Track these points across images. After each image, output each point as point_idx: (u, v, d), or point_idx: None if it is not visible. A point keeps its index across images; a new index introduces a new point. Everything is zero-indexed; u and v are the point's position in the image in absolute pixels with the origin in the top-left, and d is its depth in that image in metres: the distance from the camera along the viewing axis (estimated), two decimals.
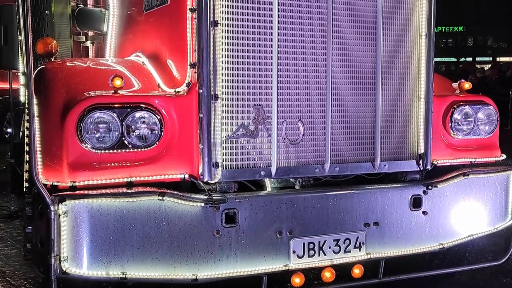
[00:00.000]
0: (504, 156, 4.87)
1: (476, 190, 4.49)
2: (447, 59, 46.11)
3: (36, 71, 3.92)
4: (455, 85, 4.82)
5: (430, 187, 4.27)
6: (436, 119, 4.49)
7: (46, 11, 5.25)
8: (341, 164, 4.08)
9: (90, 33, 5.71)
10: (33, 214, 3.68)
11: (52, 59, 4.23)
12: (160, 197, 3.49)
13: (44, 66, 4.08)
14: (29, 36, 3.46)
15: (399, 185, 4.30)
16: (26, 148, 4.15)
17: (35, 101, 3.63)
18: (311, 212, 3.92)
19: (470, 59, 51.90)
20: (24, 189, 4.27)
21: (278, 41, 3.81)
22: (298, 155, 3.95)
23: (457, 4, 48.71)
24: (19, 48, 5.60)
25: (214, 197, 3.64)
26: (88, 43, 5.79)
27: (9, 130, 7.58)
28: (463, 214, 4.44)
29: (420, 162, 4.34)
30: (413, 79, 4.33)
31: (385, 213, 4.15)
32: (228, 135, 3.74)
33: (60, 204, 3.29)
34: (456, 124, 4.60)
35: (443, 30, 57.17)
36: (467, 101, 4.66)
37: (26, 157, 4.15)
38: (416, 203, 4.26)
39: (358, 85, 4.12)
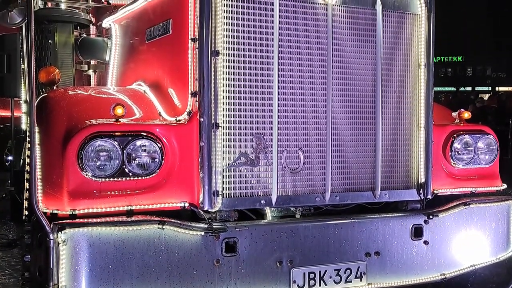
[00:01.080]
0: (505, 186, 4.87)
1: (477, 220, 4.47)
2: (446, 88, 46.40)
3: (38, 99, 3.95)
4: (454, 114, 4.84)
5: (431, 217, 4.25)
6: (436, 148, 4.50)
7: (50, 41, 5.31)
8: (342, 193, 4.07)
9: (93, 62, 5.78)
10: (32, 243, 3.66)
11: (55, 87, 4.26)
12: (160, 226, 3.47)
13: (46, 94, 4.11)
14: (32, 65, 3.50)
15: (400, 214, 4.28)
16: (27, 176, 4.14)
17: (36, 129, 3.64)
18: (311, 241, 3.89)
19: (469, 89, 52.23)
20: (24, 217, 4.26)
21: (278, 70, 3.84)
22: (298, 184, 3.95)
23: (456, 34, 49.25)
24: (22, 77, 5.65)
25: (214, 226, 3.62)
26: (90, 72, 5.84)
27: (9, 158, 7.58)
28: (464, 244, 4.41)
29: (421, 191, 4.33)
30: (413, 109, 4.35)
31: (386, 242, 4.12)
32: (228, 164, 3.74)
33: (60, 232, 3.27)
34: (456, 153, 4.60)
35: (442, 60, 57.72)
36: (467, 130, 4.67)
37: (26, 185, 4.14)
38: (417, 232, 4.23)
39: (358, 114, 4.14)
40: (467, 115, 4.78)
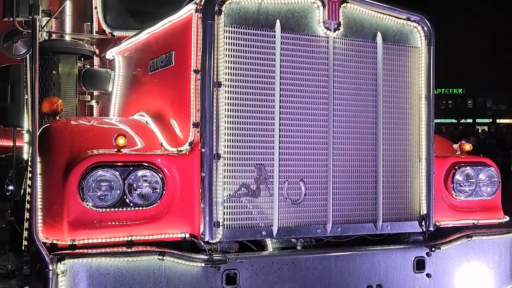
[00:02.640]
0: (508, 218, 4.85)
1: (480, 253, 4.43)
2: (447, 120, 46.58)
3: (41, 129, 3.97)
4: (455, 146, 4.86)
5: (433, 249, 4.22)
6: (437, 180, 4.49)
7: (54, 71, 5.36)
8: (343, 225, 4.05)
9: (96, 93, 5.81)
10: (31, 273, 3.63)
11: (57, 117, 4.29)
12: (160, 257, 3.44)
13: (49, 124, 4.13)
14: (36, 95, 3.53)
15: (402, 246, 4.25)
16: (27, 205, 4.14)
17: (38, 158, 3.65)
18: (313, 274, 3.85)
19: (470, 120, 52.41)
20: (23, 247, 4.23)
21: (280, 102, 3.87)
22: (299, 215, 3.93)
23: (456, 66, 49.67)
24: (25, 107, 5.68)
25: (214, 257, 3.59)
26: (93, 103, 5.88)
27: (10, 187, 7.56)
28: (467, 277, 4.36)
29: (423, 223, 4.31)
30: (413, 140, 4.37)
31: (388, 275, 4.08)
32: (229, 194, 3.74)
33: (59, 263, 3.25)
34: (458, 185, 4.60)
35: (443, 92, 58.08)
36: (468, 162, 4.68)
37: (27, 215, 4.13)
38: (420, 265, 4.19)
39: (359, 145, 4.15)
40: (468, 147, 4.80)
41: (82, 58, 5.72)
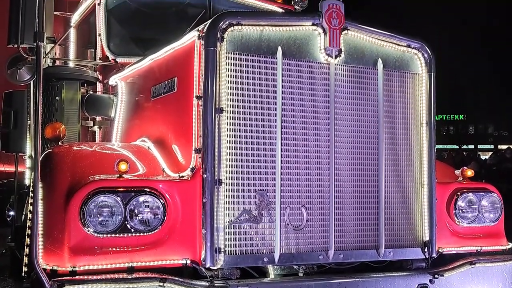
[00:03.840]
0: (511, 245, 4.81)
1: (483, 280, 4.39)
2: (449, 146, 46.58)
3: (43, 154, 3.98)
4: (457, 172, 4.85)
5: (436, 276, 4.18)
6: (440, 206, 4.48)
7: (57, 97, 5.40)
8: (345, 251, 4.02)
9: (98, 118, 5.84)
10: None
11: (60, 143, 4.30)
12: (161, 283, 3.41)
13: (51, 150, 4.14)
14: (38, 121, 3.55)
15: (405, 273, 4.21)
16: (28, 231, 4.12)
17: (40, 184, 3.65)
18: None
19: (472, 146, 52.41)
20: (23, 273, 4.20)
21: (281, 128, 3.89)
22: (301, 241, 3.91)
23: (457, 93, 49.89)
24: (28, 132, 5.71)
25: (216, 284, 3.56)
26: (96, 128, 5.91)
27: (11, 213, 7.54)
28: None
29: (426, 249, 4.28)
30: (415, 166, 4.37)
31: None
32: (231, 220, 3.72)
33: None
34: (460, 211, 4.58)
35: (444, 118, 58.24)
36: (470, 188, 4.66)
37: (27, 240, 4.11)
38: None
39: (361, 171, 4.15)
40: (470, 173, 4.79)
41: (85, 84, 5.77)
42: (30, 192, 4.21)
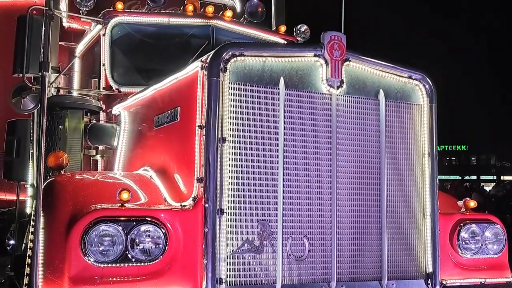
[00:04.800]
0: None
1: None
2: (451, 177, 46.46)
3: (45, 183, 3.98)
4: (460, 203, 4.83)
5: None
6: (443, 238, 4.45)
7: (60, 126, 5.42)
8: (348, 283, 3.98)
9: (101, 147, 5.86)
10: None
11: (62, 172, 4.31)
12: None
13: (53, 178, 4.15)
14: (42, 149, 3.56)
15: None
16: (28, 260, 4.09)
17: (41, 212, 3.65)
18: None
19: (474, 177, 52.24)
20: None
21: (284, 157, 3.89)
22: (303, 272, 3.87)
23: (458, 123, 50.01)
24: (30, 160, 5.72)
25: None
26: (98, 157, 5.92)
27: (11, 242, 7.49)
28: None
29: (429, 281, 4.24)
30: (418, 197, 4.35)
31: None
32: (233, 250, 3.70)
33: None
34: (463, 242, 4.55)
35: (446, 149, 58.21)
36: (473, 219, 4.64)
37: (27, 270, 4.07)
38: None
39: (363, 201, 4.14)
40: (473, 204, 4.77)
41: (88, 113, 5.80)
42: (31, 221, 4.20)
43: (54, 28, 5.05)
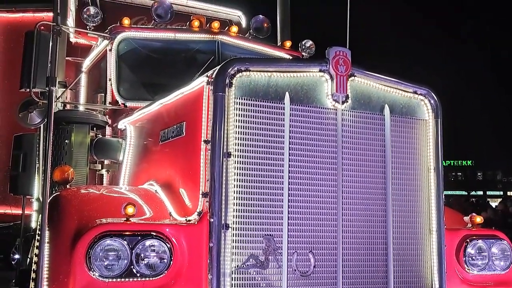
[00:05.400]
0: None
1: None
2: (457, 192, 46.23)
3: (51, 197, 3.99)
4: (466, 218, 4.81)
5: None
6: (449, 253, 4.41)
7: (66, 141, 5.45)
8: None
9: (106, 162, 5.88)
10: None
11: (68, 186, 4.32)
12: None
13: (59, 193, 4.16)
14: (48, 164, 3.57)
15: None
16: (33, 275, 4.09)
17: (47, 227, 3.65)
18: None
19: (480, 193, 51.96)
20: None
21: (289, 172, 3.89)
22: None
23: (464, 138, 49.87)
24: (36, 175, 5.74)
25: None
26: (103, 172, 5.93)
27: (16, 256, 7.50)
28: None
29: None
30: (424, 212, 4.33)
31: None
32: (237, 266, 3.68)
33: None
34: (470, 258, 4.51)
35: (452, 164, 57.99)
36: (480, 235, 4.61)
37: (32, 284, 4.07)
38: None
39: (369, 217, 4.12)
40: (479, 219, 4.75)
41: (94, 128, 5.83)
42: (37, 235, 4.21)
43: (61, 44, 5.11)
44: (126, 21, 6.10)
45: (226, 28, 6.49)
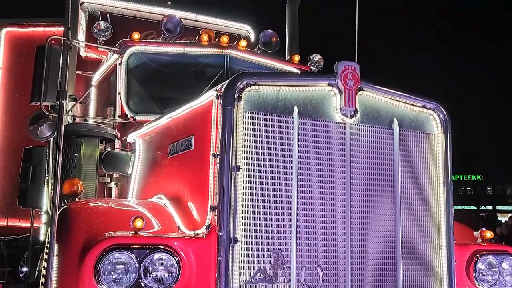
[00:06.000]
0: None
1: None
2: (467, 207, 45.86)
3: (60, 210, 4.00)
4: (476, 233, 4.76)
5: None
6: (459, 269, 4.38)
7: (76, 154, 5.47)
8: None
9: (115, 175, 5.89)
10: None
11: (77, 199, 4.33)
12: None
13: (68, 205, 4.17)
14: (58, 177, 3.59)
15: None
16: None
17: (55, 239, 3.66)
18: None
19: (490, 207, 51.52)
20: None
21: (297, 186, 3.88)
22: None
23: (474, 153, 49.59)
24: (45, 187, 5.76)
25: None
26: (112, 185, 5.95)
27: (24, 269, 7.50)
28: None
29: None
30: (433, 227, 4.31)
31: None
32: (246, 280, 3.67)
33: None
34: (480, 274, 4.47)
35: (461, 178, 57.60)
36: (490, 250, 4.57)
37: None
38: None
39: (377, 231, 4.10)
40: (489, 234, 4.71)
41: (103, 141, 5.86)
42: (45, 248, 4.22)
43: (71, 58, 5.16)
44: (136, 36, 6.16)
45: (235, 43, 6.52)
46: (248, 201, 3.76)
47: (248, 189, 3.77)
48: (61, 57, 4.33)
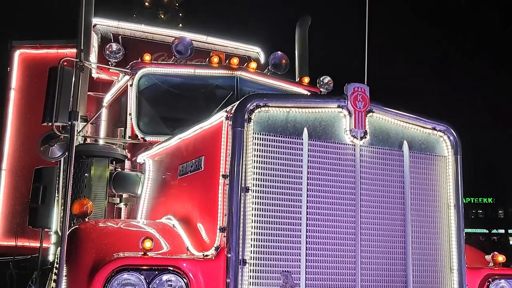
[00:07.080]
0: None
1: None
2: (478, 230, 45.33)
3: (69, 230, 4.01)
4: (488, 257, 4.71)
5: None
6: None
7: (86, 174, 5.50)
8: None
9: (125, 195, 5.90)
10: None
11: (86, 219, 4.34)
12: None
13: (77, 226, 4.17)
14: (68, 197, 3.60)
15: None
16: None
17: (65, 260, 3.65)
18: None
19: (502, 231, 50.89)
20: None
21: (307, 208, 3.87)
22: None
23: (485, 175, 49.18)
24: (55, 207, 5.78)
25: None
26: (122, 205, 5.95)
27: None
28: None
29: None
30: (444, 250, 4.26)
31: None
32: None
33: None
34: None
35: (472, 201, 57.04)
36: (502, 274, 4.51)
37: None
38: None
39: (387, 254, 4.06)
40: (501, 258, 4.65)
41: (114, 162, 5.88)
42: (54, 268, 4.21)
43: (83, 79, 5.20)
44: (147, 57, 6.22)
45: (245, 64, 6.57)
46: (257, 223, 3.75)
47: (258, 210, 3.76)
48: (73, 79, 4.37)
